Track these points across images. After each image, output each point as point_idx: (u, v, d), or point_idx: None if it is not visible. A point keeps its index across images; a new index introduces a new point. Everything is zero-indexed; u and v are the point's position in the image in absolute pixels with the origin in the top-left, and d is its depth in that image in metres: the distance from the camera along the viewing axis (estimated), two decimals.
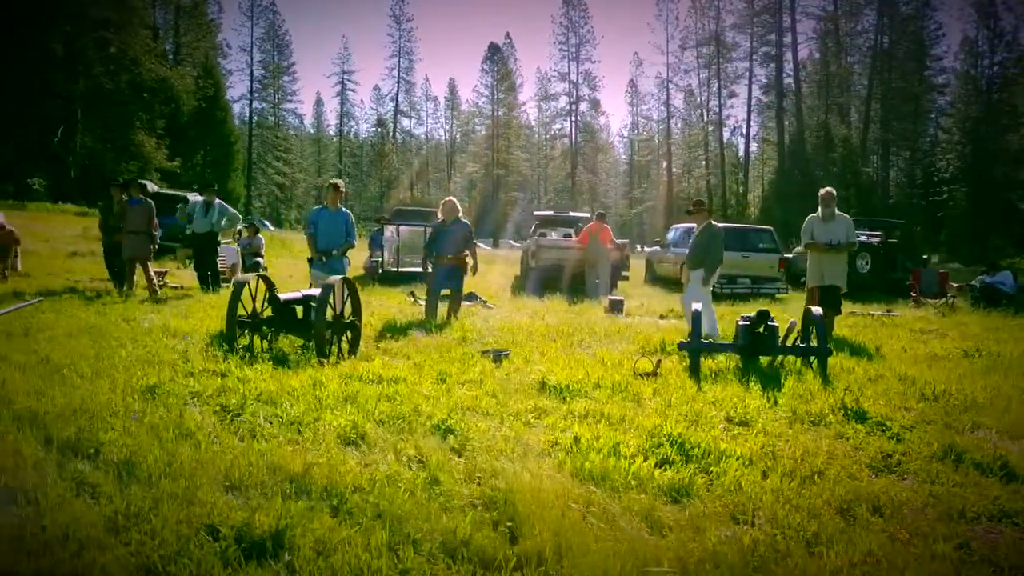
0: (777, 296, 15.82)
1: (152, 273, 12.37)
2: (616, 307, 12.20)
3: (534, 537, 2.99)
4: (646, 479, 3.77)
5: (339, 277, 7.15)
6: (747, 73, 61.35)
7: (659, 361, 6.68)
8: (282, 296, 7.19)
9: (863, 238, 17.54)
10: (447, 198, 10.86)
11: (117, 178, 15.46)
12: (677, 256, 17.72)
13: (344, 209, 9.69)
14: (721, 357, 7.40)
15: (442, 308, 10.18)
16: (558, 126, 78.49)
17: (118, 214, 12.07)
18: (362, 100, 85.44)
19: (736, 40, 60.70)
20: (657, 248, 19.84)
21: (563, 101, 76.17)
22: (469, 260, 10.55)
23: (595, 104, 76.23)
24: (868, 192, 50.68)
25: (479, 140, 79.90)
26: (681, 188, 68.78)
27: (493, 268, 20.51)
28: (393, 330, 8.78)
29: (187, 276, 15.17)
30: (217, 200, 12.66)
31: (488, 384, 5.85)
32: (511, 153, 76.65)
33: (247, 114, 71.95)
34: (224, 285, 13.48)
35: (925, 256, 19.40)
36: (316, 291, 7.66)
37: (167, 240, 18.82)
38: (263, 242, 19.68)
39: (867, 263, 18.15)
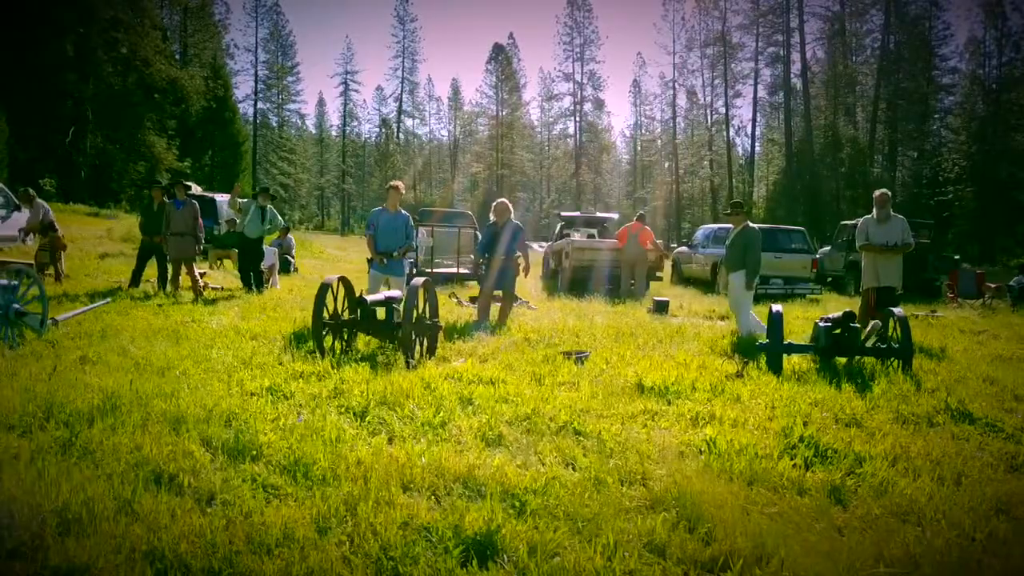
0: (809, 296, 15.88)
1: (197, 274, 12.40)
2: (661, 308, 12.23)
3: (727, 539, 3.03)
4: (797, 480, 3.81)
5: (422, 279, 7.18)
6: (753, 73, 61.51)
7: (745, 362, 6.73)
8: (369, 298, 7.21)
9: None
10: (499, 199, 10.89)
11: (158, 179, 15.53)
12: (707, 257, 17.79)
13: (403, 211, 9.72)
14: (795, 357, 7.45)
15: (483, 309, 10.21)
16: (562, 126, 78.55)
17: (166, 216, 12.08)
18: (365, 100, 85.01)
19: (742, 40, 60.81)
20: (684, 249, 19.87)
21: (567, 101, 76.27)
22: (521, 261, 10.60)
23: (599, 104, 76.32)
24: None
25: (482, 140, 79.96)
26: (684, 188, 68.87)
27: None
28: (453, 331, 8.81)
29: (219, 276, 15.18)
30: (269, 206, 12.71)
31: (585, 386, 5.89)
32: (515, 153, 76.73)
33: (251, 114, 71.89)
34: (266, 285, 13.53)
35: (957, 257, 19.47)
36: (396, 292, 7.71)
37: None
38: (293, 242, 19.75)
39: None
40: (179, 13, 52.23)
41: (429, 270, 16.45)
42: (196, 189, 12.92)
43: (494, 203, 10.74)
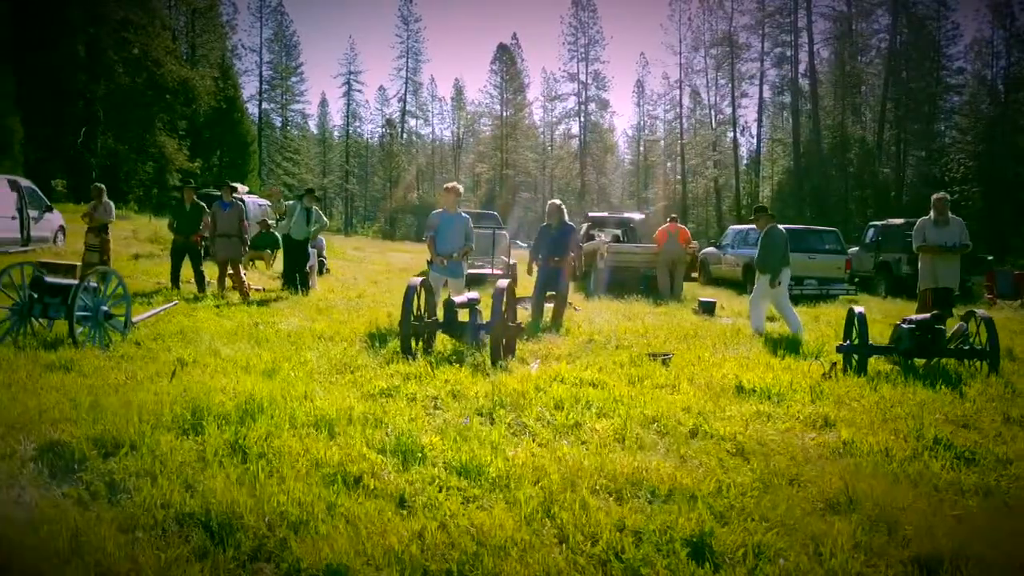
0: (843, 297, 15.92)
1: (244, 276, 12.41)
2: (708, 308, 12.27)
3: (927, 540, 3.05)
4: (955, 481, 3.85)
5: (507, 281, 7.21)
6: (759, 74, 61.59)
7: (834, 364, 6.77)
8: (456, 299, 7.24)
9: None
10: (552, 200, 10.93)
11: (190, 180, 15.49)
12: (738, 257, 17.83)
13: (463, 212, 9.73)
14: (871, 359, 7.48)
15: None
16: (566, 126, 78.66)
17: (213, 217, 12.08)
18: (367, 100, 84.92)
19: (748, 40, 60.91)
20: (712, 249, 19.91)
21: (572, 101, 76.31)
22: (574, 262, 10.64)
23: (604, 104, 76.40)
24: (884, 192, 50.91)
25: (486, 140, 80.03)
26: (689, 188, 68.95)
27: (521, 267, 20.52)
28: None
29: (254, 278, 15.17)
30: (314, 207, 12.72)
31: (686, 387, 5.92)
32: (518, 153, 76.79)
33: (256, 115, 71.78)
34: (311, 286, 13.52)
35: (990, 257, 19.50)
36: (475, 294, 7.74)
37: None
38: (324, 243, 19.73)
39: None
40: (185, 14, 52.11)
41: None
42: (242, 190, 12.86)
43: (548, 204, 10.78)
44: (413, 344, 7.27)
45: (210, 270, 12.51)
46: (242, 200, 12.42)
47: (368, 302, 12.08)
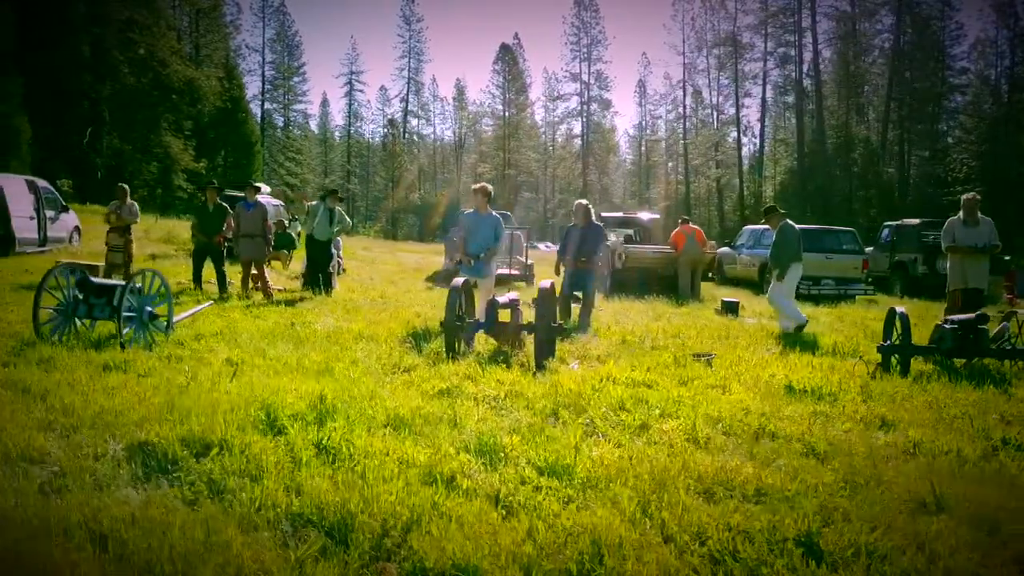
0: (862, 297, 15.93)
1: (267, 276, 12.42)
2: (731, 308, 12.28)
3: None
4: None
5: (550, 282, 7.22)
6: (762, 74, 61.67)
7: (877, 365, 6.79)
8: (500, 299, 7.25)
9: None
10: (578, 200, 10.92)
11: (212, 180, 15.46)
12: (753, 257, 17.85)
13: (494, 213, 9.73)
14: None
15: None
16: (568, 126, 78.71)
17: (236, 217, 12.08)
18: (368, 100, 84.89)
19: (752, 40, 61.00)
20: (727, 249, 19.92)
21: (574, 101, 76.36)
22: (602, 263, 10.64)
23: (606, 104, 76.44)
24: (889, 192, 51.03)
25: (488, 140, 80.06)
26: (691, 188, 69.01)
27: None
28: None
29: (272, 278, 15.15)
30: (337, 207, 12.70)
31: (737, 388, 5.93)
32: (520, 153, 76.84)
33: (258, 115, 71.74)
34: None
35: (1008, 257, 19.49)
36: (515, 295, 7.75)
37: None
38: (341, 243, 19.71)
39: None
40: (189, 14, 52.11)
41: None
42: (265, 190, 12.86)
43: (575, 204, 10.75)
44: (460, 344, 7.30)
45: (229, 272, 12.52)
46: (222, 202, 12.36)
47: (392, 302, 12.08)
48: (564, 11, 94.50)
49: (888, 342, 7.21)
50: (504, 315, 7.52)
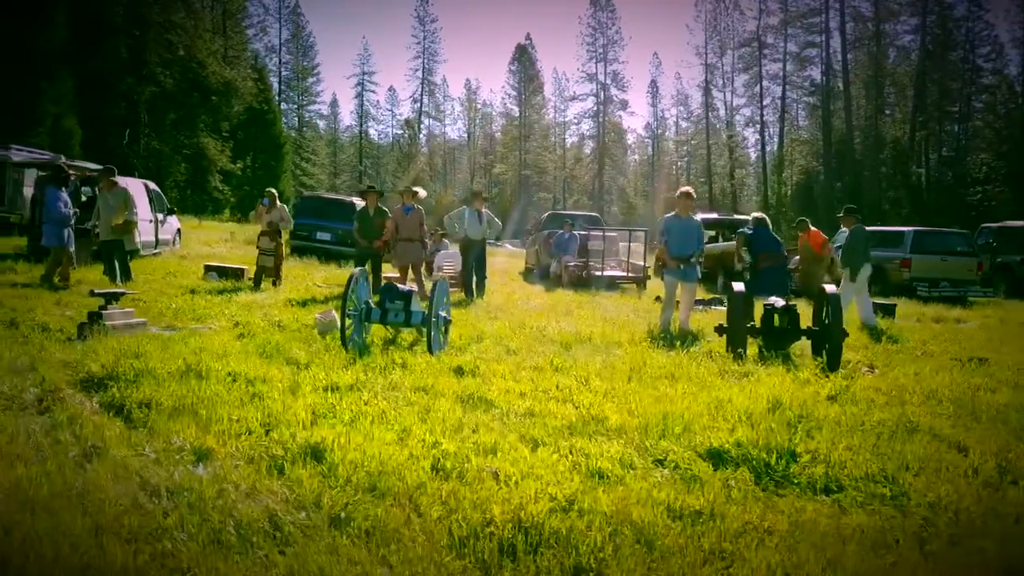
0: (983, 300, 16.02)
1: (423, 278, 12.47)
2: (887, 311, 12.40)
3: None
4: None
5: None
6: (782, 74, 61.99)
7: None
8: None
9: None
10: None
11: (372, 185, 15.47)
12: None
13: (696, 216, 9.78)
14: None
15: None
16: (584, 126, 78.78)
17: (395, 221, 12.12)
18: (379, 101, 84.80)
19: (775, 41, 61.32)
20: None
21: (590, 102, 76.40)
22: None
23: (623, 105, 76.59)
24: (918, 192, 51.39)
25: (504, 140, 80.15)
26: (709, 187, 69.28)
27: None
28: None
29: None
30: (484, 208, 12.75)
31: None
32: (537, 153, 76.94)
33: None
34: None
35: None
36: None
37: (337, 244, 18.83)
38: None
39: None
40: (217, 16, 51.89)
41: (599, 274, 16.56)
42: (421, 194, 12.89)
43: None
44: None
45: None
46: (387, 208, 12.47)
47: (540, 304, 12.07)
48: (573, 12, 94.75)
49: None
50: None
